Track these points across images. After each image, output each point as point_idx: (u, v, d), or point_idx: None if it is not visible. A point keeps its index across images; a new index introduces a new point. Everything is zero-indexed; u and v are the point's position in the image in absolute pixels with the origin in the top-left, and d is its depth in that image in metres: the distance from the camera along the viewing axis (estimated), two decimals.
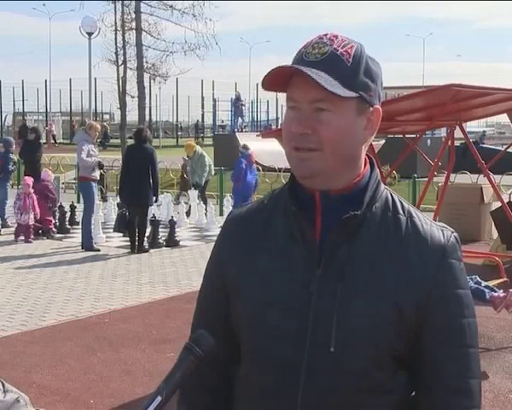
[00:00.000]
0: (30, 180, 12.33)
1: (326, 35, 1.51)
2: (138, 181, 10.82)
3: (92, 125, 11.81)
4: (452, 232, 1.56)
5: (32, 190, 12.20)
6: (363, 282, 1.48)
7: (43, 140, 15.31)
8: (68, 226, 13.12)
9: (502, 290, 5.85)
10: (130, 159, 11.26)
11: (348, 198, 1.52)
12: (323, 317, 1.48)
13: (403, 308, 1.47)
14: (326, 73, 1.44)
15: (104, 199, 15.19)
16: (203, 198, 15.11)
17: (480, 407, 1.54)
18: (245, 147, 13.80)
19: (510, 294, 5.71)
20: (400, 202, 1.57)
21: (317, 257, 1.51)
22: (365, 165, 1.57)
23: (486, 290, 6.13)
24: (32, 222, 12.05)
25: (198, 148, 15.57)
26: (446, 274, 1.51)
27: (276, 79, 1.50)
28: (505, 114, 10.22)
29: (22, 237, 12.09)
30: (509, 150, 11.14)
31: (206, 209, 14.21)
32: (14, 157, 14.41)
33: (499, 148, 25.04)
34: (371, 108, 1.52)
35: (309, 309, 1.49)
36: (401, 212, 1.55)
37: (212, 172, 15.91)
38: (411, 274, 1.49)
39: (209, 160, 15.81)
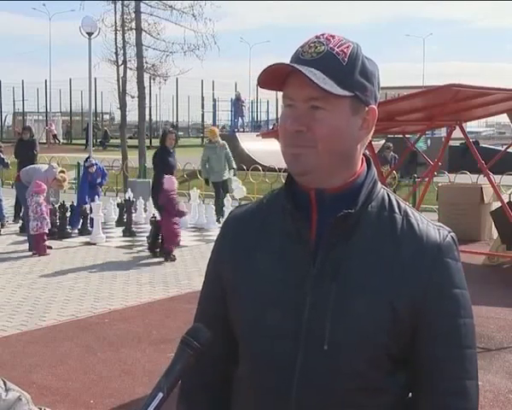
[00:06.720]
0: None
1: (323, 34, 1.51)
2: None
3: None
4: (449, 232, 1.55)
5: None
6: (358, 281, 1.47)
7: (42, 140, 15.20)
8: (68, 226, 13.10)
9: None
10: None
11: (344, 197, 1.51)
12: (318, 316, 1.47)
13: (398, 308, 1.46)
14: (321, 72, 1.44)
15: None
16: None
17: (477, 408, 1.52)
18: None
19: None
20: (397, 201, 1.56)
21: (312, 256, 1.50)
22: (362, 164, 1.57)
23: None
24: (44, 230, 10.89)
25: None
26: (441, 273, 1.50)
27: (273, 78, 1.50)
28: (505, 114, 10.22)
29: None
30: (509, 150, 11.14)
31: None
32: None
33: (499, 148, 25.00)
34: (367, 108, 1.51)
35: (304, 308, 1.49)
36: (397, 211, 1.54)
37: None
38: (406, 273, 1.48)
39: None
